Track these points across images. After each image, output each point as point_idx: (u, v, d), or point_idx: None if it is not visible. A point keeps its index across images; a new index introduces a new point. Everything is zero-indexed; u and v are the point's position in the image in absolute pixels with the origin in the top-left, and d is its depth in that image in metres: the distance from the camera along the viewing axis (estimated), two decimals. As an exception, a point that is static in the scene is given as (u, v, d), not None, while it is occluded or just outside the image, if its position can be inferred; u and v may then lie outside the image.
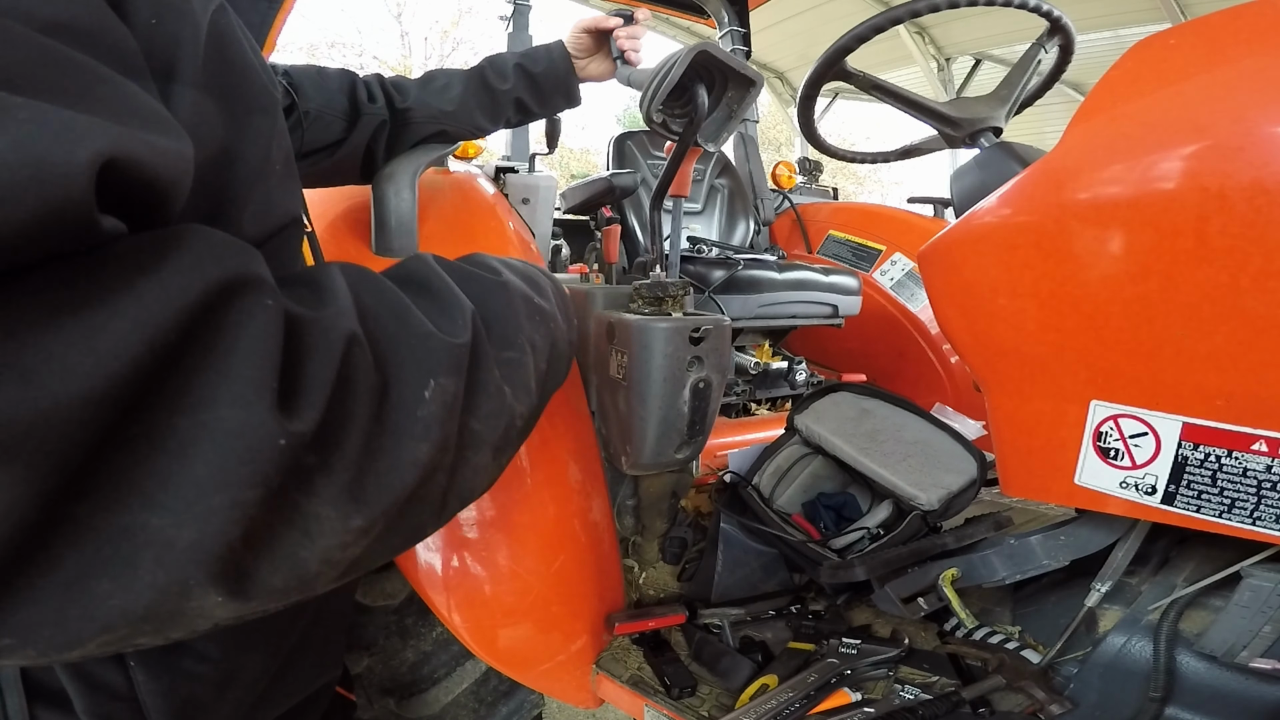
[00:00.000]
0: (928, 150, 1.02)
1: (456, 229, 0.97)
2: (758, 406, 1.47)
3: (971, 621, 0.75)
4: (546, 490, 0.83)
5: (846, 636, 0.80)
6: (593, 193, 1.45)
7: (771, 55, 6.97)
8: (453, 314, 0.38)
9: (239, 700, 0.49)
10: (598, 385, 0.88)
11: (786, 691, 0.72)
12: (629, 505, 1.01)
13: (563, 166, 13.47)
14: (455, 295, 0.40)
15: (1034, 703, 0.65)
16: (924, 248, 0.70)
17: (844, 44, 0.87)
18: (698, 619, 0.89)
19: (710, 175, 1.87)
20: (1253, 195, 0.45)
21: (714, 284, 1.30)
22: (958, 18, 5.74)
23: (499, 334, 0.43)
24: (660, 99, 0.77)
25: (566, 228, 1.84)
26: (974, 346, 0.68)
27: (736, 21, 1.94)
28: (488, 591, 0.80)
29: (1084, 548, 0.69)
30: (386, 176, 0.87)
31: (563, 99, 0.96)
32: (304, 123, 0.80)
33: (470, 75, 0.91)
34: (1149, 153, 0.51)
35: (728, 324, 0.81)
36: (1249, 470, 0.50)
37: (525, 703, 0.98)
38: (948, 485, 0.83)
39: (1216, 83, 0.49)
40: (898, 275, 1.69)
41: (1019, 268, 0.60)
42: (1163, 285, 0.51)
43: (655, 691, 0.80)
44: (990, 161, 0.80)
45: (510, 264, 0.52)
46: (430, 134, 0.91)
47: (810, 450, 1.04)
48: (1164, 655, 0.60)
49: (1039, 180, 0.59)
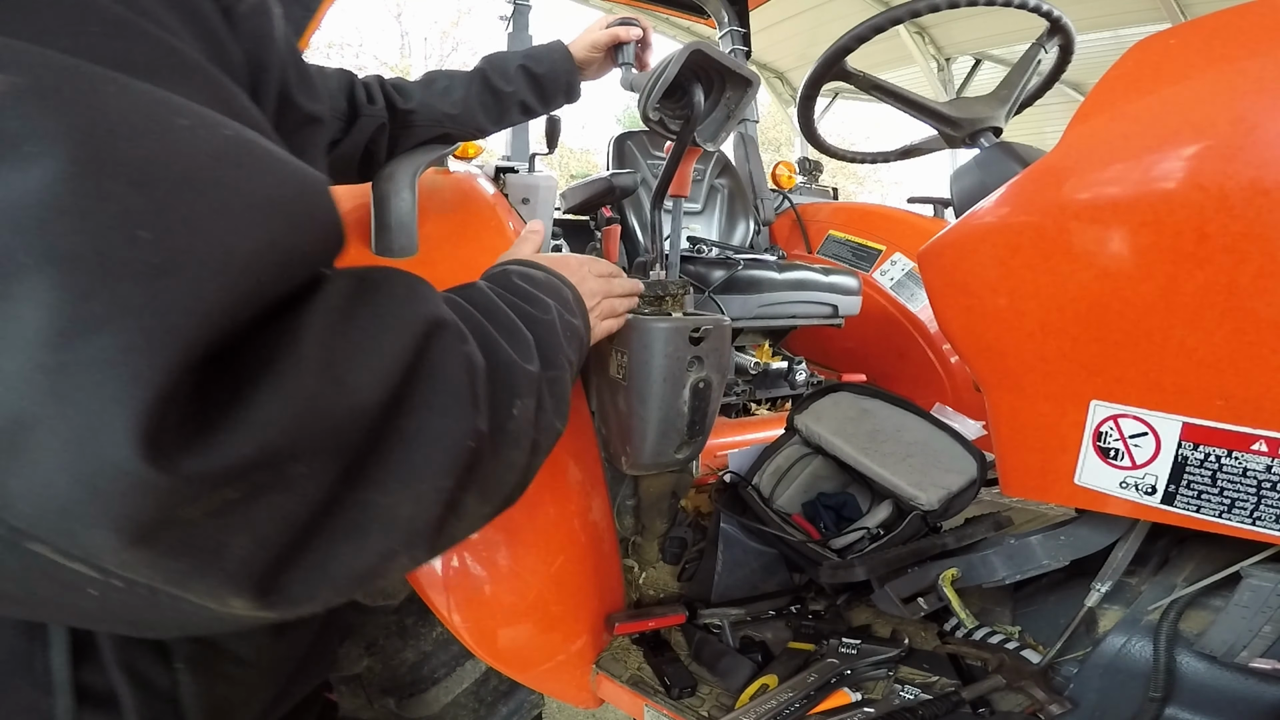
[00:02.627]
0: (928, 150, 1.02)
1: (456, 229, 0.97)
2: (758, 406, 1.47)
3: (971, 621, 0.75)
4: (546, 490, 0.82)
5: (846, 636, 0.80)
6: (593, 193, 1.45)
7: (771, 55, 6.96)
8: (524, 345, 0.45)
9: (261, 700, 0.50)
10: (598, 385, 0.88)
11: (786, 691, 0.72)
12: (629, 505, 1.01)
13: (563, 166, 13.47)
14: (520, 330, 0.46)
15: (1034, 703, 0.65)
16: (924, 248, 0.70)
17: (844, 44, 0.87)
18: (698, 619, 0.89)
19: (710, 175, 1.87)
20: (1253, 195, 0.45)
21: (714, 284, 1.30)
22: (958, 18, 5.74)
23: (546, 358, 0.48)
24: (656, 98, 0.77)
25: (566, 228, 1.83)
26: (974, 346, 0.68)
27: (736, 21, 1.94)
28: (488, 591, 0.80)
29: (1084, 548, 0.69)
30: (386, 176, 0.87)
31: (564, 97, 0.96)
32: None
33: (472, 77, 0.91)
34: (1149, 153, 0.51)
35: (728, 324, 0.81)
36: (1249, 470, 0.50)
37: (525, 703, 0.98)
38: (948, 485, 0.83)
39: (1216, 83, 0.49)
40: (898, 275, 1.69)
41: (1019, 268, 0.60)
42: (1163, 285, 0.51)
43: (655, 691, 0.80)
44: (990, 161, 0.80)
45: (537, 281, 0.55)
46: (433, 136, 0.91)
47: (810, 450, 1.04)
48: (1164, 655, 0.60)
49: (1039, 180, 0.59)
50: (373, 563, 0.30)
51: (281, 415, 0.24)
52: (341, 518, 0.28)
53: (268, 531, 0.25)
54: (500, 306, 0.47)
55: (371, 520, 0.29)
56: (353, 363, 0.28)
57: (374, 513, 0.29)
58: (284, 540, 0.26)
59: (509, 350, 0.42)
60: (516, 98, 0.92)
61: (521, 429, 0.41)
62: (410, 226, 0.87)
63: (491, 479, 0.38)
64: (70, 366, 0.19)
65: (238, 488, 0.24)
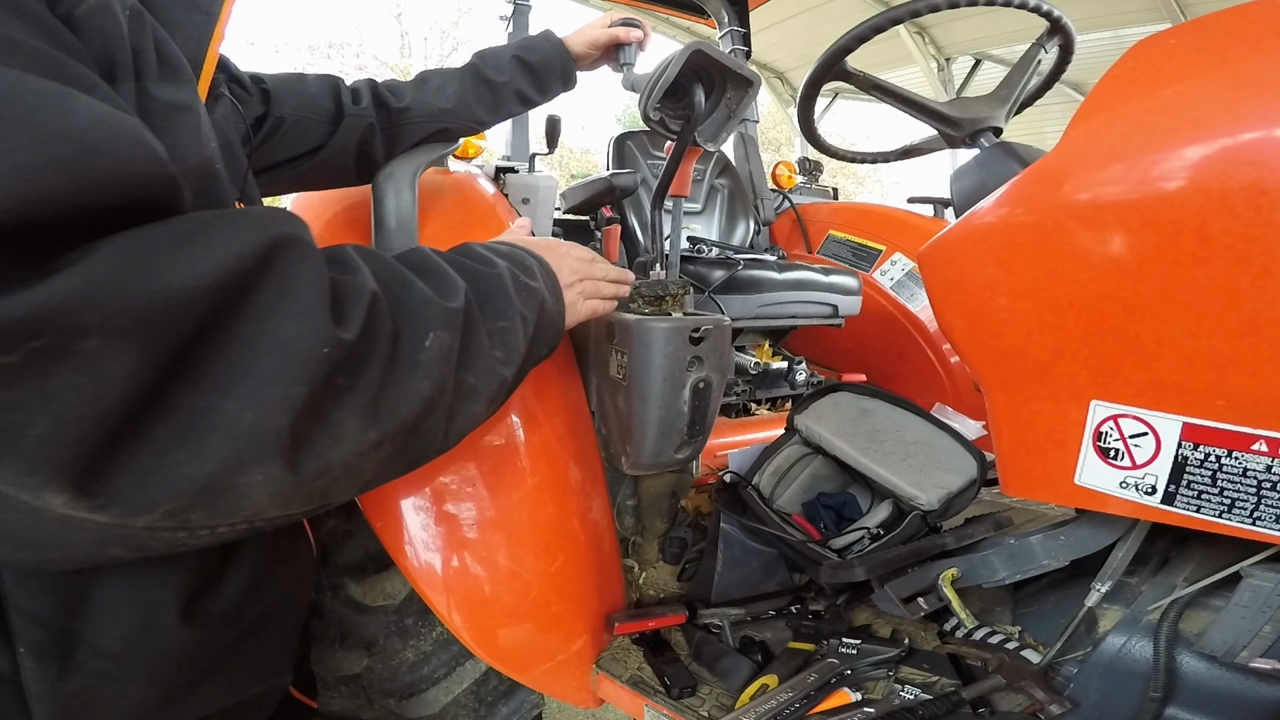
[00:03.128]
0: (928, 150, 1.02)
1: (456, 229, 0.97)
2: (758, 406, 1.47)
3: (971, 621, 0.75)
4: (546, 490, 0.82)
5: (846, 636, 0.80)
6: (593, 193, 1.45)
7: (771, 55, 6.96)
8: (447, 286, 0.47)
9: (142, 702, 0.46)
10: (598, 385, 0.88)
11: (786, 691, 0.72)
12: (629, 505, 1.01)
13: (563, 166, 13.47)
14: (449, 274, 0.49)
15: (1034, 703, 0.65)
16: (924, 248, 0.70)
17: (844, 44, 0.87)
18: (698, 619, 0.89)
19: (710, 175, 1.87)
20: (1253, 195, 0.45)
21: (714, 284, 1.30)
22: (958, 18, 5.74)
23: (492, 308, 0.51)
24: (656, 97, 0.77)
25: (566, 228, 1.83)
26: (974, 346, 0.68)
27: (736, 21, 1.94)
28: (488, 591, 0.80)
29: (1084, 548, 0.69)
30: (386, 176, 0.87)
31: (560, 84, 0.97)
32: (280, 128, 0.80)
33: (465, 72, 0.92)
34: (1149, 153, 0.51)
35: (728, 324, 0.81)
36: (1249, 470, 0.50)
37: (525, 703, 0.98)
38: (948, 485, 0.83)
39: (1216, 83, 0.49)
40: (898, 275, 1.69)
41: (1019, 268, 0.60)
42: (1163, 285, 0.51)
43: (655, 691, 0.80)
44: (990, 161, 0.80)
45: (499, 250, 0.60)
46: (430, 133, 0.91)
47: (810, 450, 1.04)
48: (1164, 655, 0.60)
49: (1039, 180, 0.59)
50: (215, 470, 0.30)
51: (66, 287, 0.25)
52: (174, 419, 0.29)
53: (68, 414, 0.26)
54: (433, 259, 0.50)
55: (211, 426, 0.30)
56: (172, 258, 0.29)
57: (213, 418, 0.30)
58: (93, 429, 0.27)
59: (424, 288, 0.44)
60: (512, 87, 0.93)
61: (433, 359, 0.42)
62: (410, 226, 0.88)
63: (382, 404, 0.38)
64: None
65: (14, 352, 0.24)
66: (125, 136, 0.30)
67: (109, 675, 0.44)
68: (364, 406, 0.37)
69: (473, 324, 0.48)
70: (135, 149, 0.30)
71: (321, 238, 0.95)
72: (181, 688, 0.49)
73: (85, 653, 0.43)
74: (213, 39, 0.51)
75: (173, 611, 0.45)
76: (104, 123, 0.29)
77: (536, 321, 0.58)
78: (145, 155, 0.31)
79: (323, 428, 0.35)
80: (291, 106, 0.80)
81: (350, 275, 0.39)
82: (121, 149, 0.29)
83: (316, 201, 1.02)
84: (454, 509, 0.80)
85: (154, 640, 0.45)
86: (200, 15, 0.51)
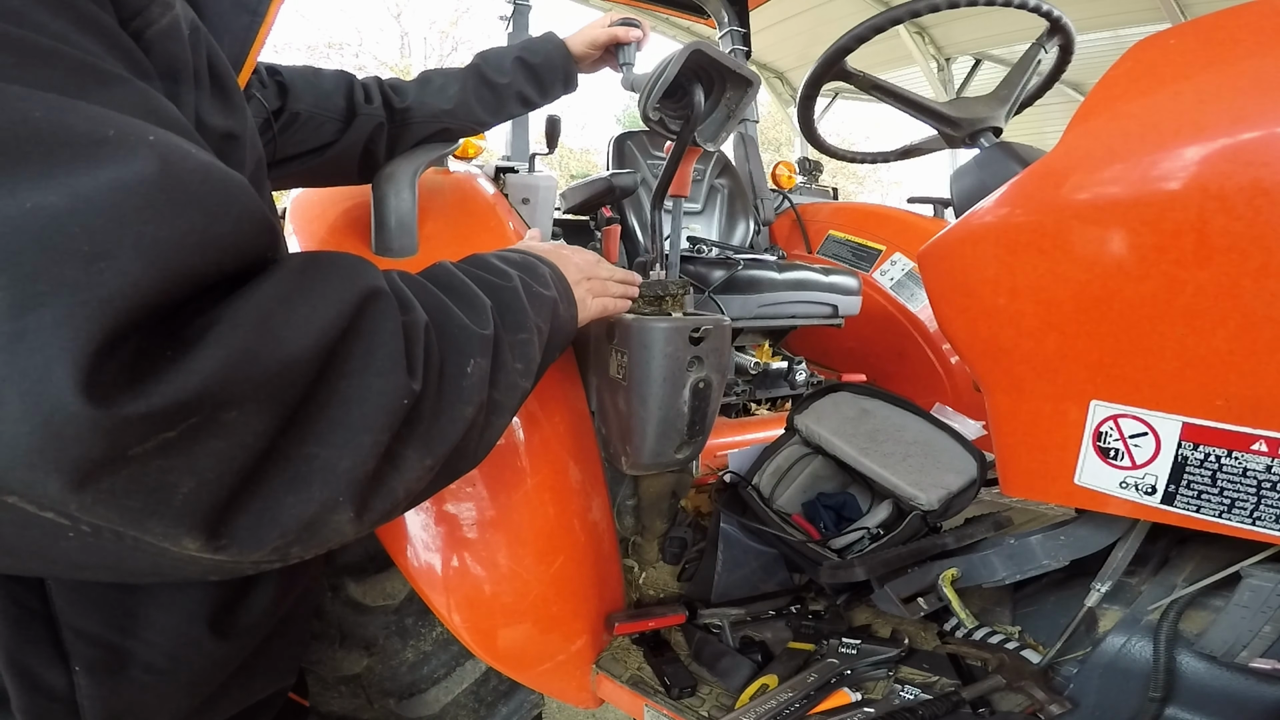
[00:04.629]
0: (928, 150, 1.02)
1: (456, 229, 0.97)
2: (758, 406, 1.47)
3: (971, 621, 0.75)
4: (546, 490, 0.82)
5: (846, 636, 0.80)
6: (593, 193, 1.45)
7: (771, 55, 6.96)
8: (478, 310, 0.49)
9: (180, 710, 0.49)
10: (598, 385, 0.88)
11: (786, 691, 0.72)
12: (629, 505, 1.01)
13: (563, 166, 13.47)
14: (477, 294, 0.51)
15: (1034, 703, 0.65)
16: (924, 248, 0.70)
17: (844, 44, 0.87)
18: (698, 619, 0.89)
19: (710, 175, 1.87)
20: (1253, 195, 0.45)
21: (714, 284, 1.30)
22: (958, 18, 5.74)
23: (512, 321, 0.53)
24: (656, 97, 0.77)
25: (566, 228, 1.83)
26: (974, 346, 0.68)
27: (736, 21, 1.94)
28: (487, 591, 0.80)
29: (1084, 548, 0.69)
30: (386, 176, 0.87)
31: (562, 86, 0.97)
32: (295, 123, 0.80)
33: (467, 73, 0.92)
34: (1149, 153, 0.51)
35: (728, 324, 0.81)
36: (1249, 470, 0.50)
37: (525, 703, 0.98)
38: (948, 485, 0.83)
39: (1216, 83, 0.49)
40: (898, 275, 1.69)
41: (1019, 268, 0.60)
42: (1163, 285, 0.51)
43: (655, 691, 0.80)
44: (990, 161, 0.80)
45: (511, 259, 0.61)
46: (431, 133, 0.91)
47: (810, 450, 1.04)
48: (1164, 655, 0.60)
49: (1039, 180, 0.59)
50: (317, 511, 0.33)
51: (214, 365, 0.28)
52: (286, 468, 0.32)
53: (209, 473, 0.29)
54: (459, 278, 0.52)
55: (314, 471, 0.33)
56: (288, 324, 0.32)
57: (316, 465, 0.33)
58: (227, 483, 0.30)
59: (461, 316, 0.47)
60: (513, 89, 0.92)
61: (474, 385, 0.45)
62: (410, 226, 0.88)
63: (434, 433, 0.41)
64: (25, 333, 0.24)
65: (175, 429, 0.27)
66: (242, 198, 0.31)
67: (156, 689, 0.46)
68: (420, 438, 0.40)
69: (500, 344, 0.50)
70: (248, 209, 0.32)
71: (322, 237, 0.95)
72: (212, 696, 0.51)
73: (136, 669, 0.45)
74: (256, 40, 0.51)
75: (207, 625, 0.48)
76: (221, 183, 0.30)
77: (550, 329, 0.59)
78: (256, 214, 0.32)
79: (393, 464, 0.38)
80: (307, 103, 0.81)
81: (410, 315, 0.41)
82: (240, 212, 0.31)
83: (317, 201, 1.02)
84: (454, 509, 0.80)
85: (193, 653, 0.47)
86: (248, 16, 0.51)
